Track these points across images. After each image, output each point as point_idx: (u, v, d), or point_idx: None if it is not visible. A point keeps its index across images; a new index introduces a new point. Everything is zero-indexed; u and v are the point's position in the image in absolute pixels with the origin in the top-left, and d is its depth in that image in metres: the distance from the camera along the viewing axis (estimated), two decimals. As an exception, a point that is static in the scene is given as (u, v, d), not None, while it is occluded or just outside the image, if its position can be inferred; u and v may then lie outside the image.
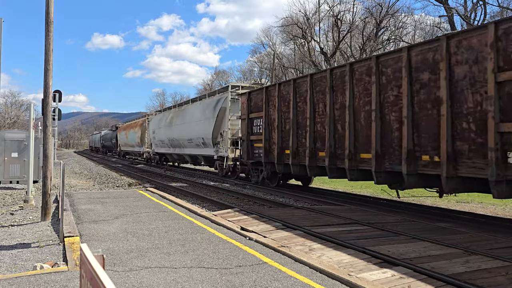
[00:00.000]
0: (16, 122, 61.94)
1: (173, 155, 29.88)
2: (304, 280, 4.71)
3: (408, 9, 64.02)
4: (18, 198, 12.77)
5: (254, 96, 16.47)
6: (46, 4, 8.65)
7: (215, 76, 74.65)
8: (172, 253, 5.82)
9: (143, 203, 10.75)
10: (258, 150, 15.94)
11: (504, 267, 5.30)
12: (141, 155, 40.31)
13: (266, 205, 12.15)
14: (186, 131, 25.23)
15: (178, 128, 26.86)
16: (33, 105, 12.06)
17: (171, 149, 29.38)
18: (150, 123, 35.67)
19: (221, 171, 21.30)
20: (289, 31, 42.45)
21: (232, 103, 20.20)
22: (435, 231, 7.65)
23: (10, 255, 5.95)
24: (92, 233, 7.11)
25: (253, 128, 16.47)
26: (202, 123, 22.51)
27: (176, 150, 28.34)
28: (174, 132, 27.34)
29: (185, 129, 25.31)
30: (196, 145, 23.91)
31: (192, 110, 25.29)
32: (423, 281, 4.81)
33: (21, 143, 16.32)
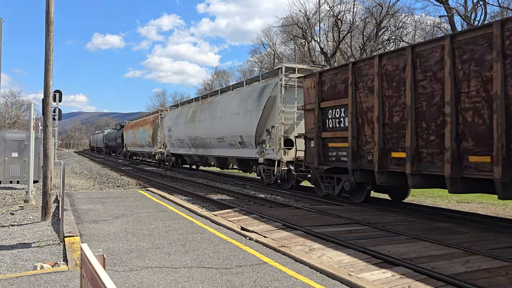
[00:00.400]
0: (16, 122, 61.96)
1: (194, 156, 25.58)
2: (304, 280, 4.71)
3: (408, 9, 64.08)
4: (18, 198, 12.77)
5: (329, 77, 11.93)
6: (47, 4, 8.66)
7: (215, 76, 74.69)
8: (172, 253, 5.82)
9: (143, 203, 10.75)
10: (336, 152, 11.62)
11: (505, 267, 5.30)
12: (152, 156, 36.17)
13: (266, 205, 12.16)
14: (215, 127, 20.68)
15: (203, 125, 22.30)
16: (33, 105, 12.08)
17: (192, 150, 25.11)
18: (165, 119, 30.70)
19: (267, 178, 16.67)
20: (289, 31, 42.44)
21: (284, 90, 15.61)
22: (436, 231, 7.65)
23: (10, 255, 5.95)
24: (92, 233, 7.11)
25: (326, 122, 12.02)
26: (241, 117, 17.94)
27: (199, 151, 24.01)
28: (198, 129, 22.99)
29: (214, 126, 20.77)
30: (230, 145, 19.52)
31: (225, 102, 20.38)
32: (423, 281, 4.81)
33: (22, 143, 16.33)
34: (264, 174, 16.95)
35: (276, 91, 15.92)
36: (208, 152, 22.78)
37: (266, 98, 16.19)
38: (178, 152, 28.00)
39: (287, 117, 15.62)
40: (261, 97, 16.53)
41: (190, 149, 25.49)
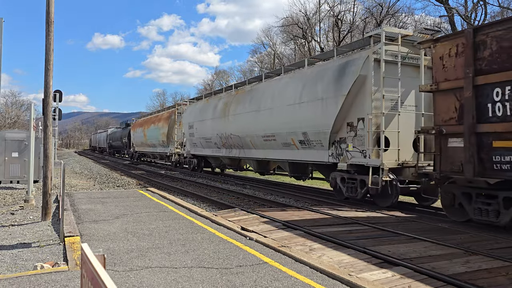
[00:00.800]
0: (16, 122, 61.95)
1: (224, 159, 20.95)
2: (304, 280, 4.71)
3: (409, 9, 64.04)
4: (18, 198, 12.77)
5: (499, 35, 7.69)
6: (47, 4, 8.66)
7: (215, 76, 74.64)
8: (172, 253, 5.82)
9: (143, 203, 10.75)
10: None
11: (505, 267, 5.30)
12: (166, 158, 31.85)
13: (267, 205, 12.16)
14: (260, 123, 16.07)
15: (240, 120, 17.73)
16: (33, 105, 12.08)
17: (222, 151, 20.50)
18: (184, 115, 25.98)
19: (350, 192, 11.85)
20: (290, 31, 42.44)
21: (383, 66, 10.83)
22: (436, 231, 7.65)
23: (10, 254, 5.95)
24: (92, 233, 7.11)
25: (489, 108, 7.78)
26: (305, 107, 13.23)
27: (232, 152, 19.35)
28: (232, 125, 18.49)
29: (259, 120, 16.14)
30: (284, 144, 14.87)
31: (275, 89, 15.53)
32: (424, 281, 4.81)
33: (22, 143, 16.33)
34: (344, 185, 11.99)
35: (367, 68, 11.17)
36: (246, 154, 18.08)
37: (351, 79, 11.43)
38: (201, 153, 23.29)
39: (382, 106, 10.81)
40: (343, 79, 11.80)
41: (219, 149, 20.84)
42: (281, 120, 14.69)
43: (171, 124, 29.69)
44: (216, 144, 21.03)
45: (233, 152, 19.41)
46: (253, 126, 16.77)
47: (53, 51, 8.67)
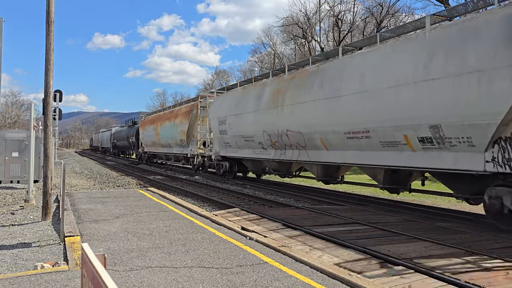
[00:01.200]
0: (16, 121, 61.97)
1: (272, 162, 16.26)
2: (304, 280, 4.72)
3: (409, 8, 63.90)
4: (18, 198, 12.78)
5: None
6: (47, 4, 8.66)
7: (215, 76, 74.68)
8: (172, 253, 5.83)
9: (143, 202, 10.76)
10: None
11: (505, 267, 5.30)
12: (185, 160, 27.27)
13: (267, 205, 12.16)
14: (340, 113, 11.45)
15: (304, 111, 13.01)
16: (33, 105, 12.09)
17: (270, 152, 15.79)
18: (212, 109, 20.89)
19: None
20: (290, 31, 42.45)
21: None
22: (436, 231, 7.66)
23: (11, 254, 5.96)
24: (92, 232, 7.11)
25: None
26: (435, 87, 8.72)
27: (286, 154, 14.77)
28: (290, 118, 13.86)
29: (338, 110, 11.49)
30: (385, 144, 10.33)
31: (369, 64, 10.78)
32: (424, 281, 4.81)
33: (22, 142, 16.34)
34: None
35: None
36: (310, 157, 13.45)
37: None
38: (236, 155, 18.72)
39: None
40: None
41: (264, 151, 16.20)
42: (383, 109, 10.00)
43: (192, 120, 24.99)
44: (261, 144, 16.14)
45: (287, 155, 14.54)
46: (327, 119, 11.99)
47: (53, 51, 8.67)
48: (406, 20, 36.62)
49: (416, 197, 14.01)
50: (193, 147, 24.86)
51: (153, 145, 34.05)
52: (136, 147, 41.20)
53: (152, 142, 33.97)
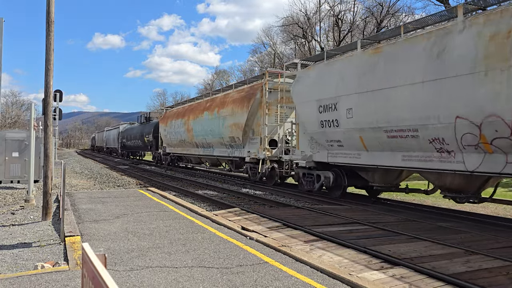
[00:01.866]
0: (17, 121, 62.01)
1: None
2: (305, 280, 4.72)
3: (409, 8, 63.87)
4: (19, 198, 12.78)
5: None
6: (47, 4, 8.66)
7: (215, 76, 74.71)
8: (173, 253, 5.83)
9: (144, 202, 10.75)
10: None
11: (505, 266, 5.30)
12: (232, 166, 20.84)
13: (267, 205, 12.16)
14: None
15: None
16: (33, 105, 12.09)
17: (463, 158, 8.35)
18: (298, 89, 13.71)
19: None
20: (290, 31, 42.44)
21: None
22: (436, 230, 7.65)
23: (11, 254, 5.96)
24: (93, 232, 7.11)
25: None
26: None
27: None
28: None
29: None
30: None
31: None
32: (424, 280, 4.81)
33: (22, 142, 16.33)
34: None
35: None
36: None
37: None
38: (359, 162, 11.38)
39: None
40: None
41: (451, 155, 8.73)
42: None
43: (254, 108, 17.57)
44: (441, 142, 8.76)
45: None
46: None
47: (53, 51, 8.67)
48: (406, 20, 36.61)
49: (417, 197, 14.01)
50: (254, 148, 17.63)
51: (180, 144, 26.82)
52: (154, 147, 34.03)
53: (179, 141, 26.71)
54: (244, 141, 18.54)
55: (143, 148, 39.72)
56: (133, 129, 43.99)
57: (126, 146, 46.19)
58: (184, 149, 26.58)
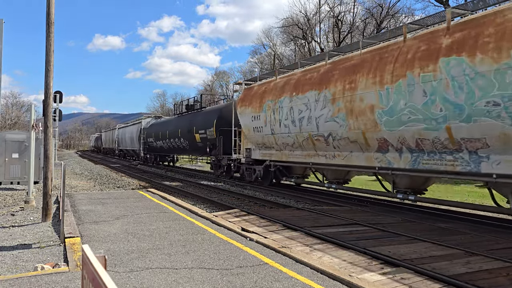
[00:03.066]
0: (17, 123, 62.06)
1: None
2: (305, 281, 4.71)
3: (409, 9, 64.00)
4: (18, 199, 12.77)
5: None
6: (47, 5, 8.67)
7: (215, 76, 74.78)
8: (173, 254, 5.82)
9: (143, 204, 10.75)
10: None
11: (505, 268, 5.30)
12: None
13: (267, 206, 12.15)
14: None
15: None
16: (33, 106, 12.11)
17: None
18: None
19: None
20: (290, 32, 42.49)
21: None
22: (436, 231, 7.65)
23: (11, 256, 5.95)
24: (93, 234, 7.11)
25: None
26: None
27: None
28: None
29: None
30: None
31: None
32: (424, 282, 4.81)
33: (22, 144, 16.34)
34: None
35: None
36: None
37: None
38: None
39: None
40: None
41: None
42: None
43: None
44: None
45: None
46: None
47: (53, 52, 8.67)
48: (406, 21, 36.61)
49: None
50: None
51: (297, 145, 13.88)
52: (219, 150, 20.65)
53: (296, 138, 13.67)
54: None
55: (190, 150, 26.23)
56: (169, 124, 30.14)
57: (153, 148, 33.48)
58: (296, 151, 14.27)
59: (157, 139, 31.81)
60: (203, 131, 22.57)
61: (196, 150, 25.42)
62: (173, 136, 27.83)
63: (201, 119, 23.55)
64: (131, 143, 40.23)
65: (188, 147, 25.85)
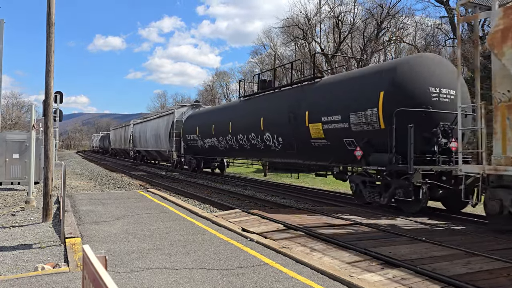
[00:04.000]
0: (17, 123, 62.11)
1: None
2: (305, 282, 4.71)
3: (409, 10, 64.06)
4: (19, 199, 12.78)
5: None
6: (48, 6, 8.68)
7: (215, 77, 74.80)
8: (173, 254, 5.82)
9: (144, 204, 10.75)
10: None
11: (506, 268, 5.29)
12: None
13: (267, 206, 12.15)
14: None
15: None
16: (34, 106, 12.11)
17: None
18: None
19: None
20: (290, 32, 42.48)
21: None
22: (437, 232, 7.64)
23: (11, 256, 5.95)
24: (93, 234, 7.11)
25: None
26: None
27: None
28: None
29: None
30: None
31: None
32: (425, 282, 4.80)
33: (22, 144, 16.34)
34: None
35: None
36: None
37: None
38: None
39: None
40: None
41: None
42: None
43: None
44: None
45: None
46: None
47: (54, 53, 8.68)
48: (406, 21, 36.57)
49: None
50: None
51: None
52: (397, 157, 9.86)
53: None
54: None
55: (289, 152, 15.08)
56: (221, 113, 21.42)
57: (196, 149, 24.39)
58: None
59: (205, 136, 22.27)
60: (337, 117, 11.96)
61: (305, 153, 14.31)
62: (243, 130, 17.83)
63: (331, 97, 12.55)
64: (156, 142, 30.69)
65: (283, 147, 15.24)
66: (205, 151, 23.59)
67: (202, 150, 23.97)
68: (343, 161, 12.46)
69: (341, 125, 11.78)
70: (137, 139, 37.55)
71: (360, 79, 11.71)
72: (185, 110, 28.02)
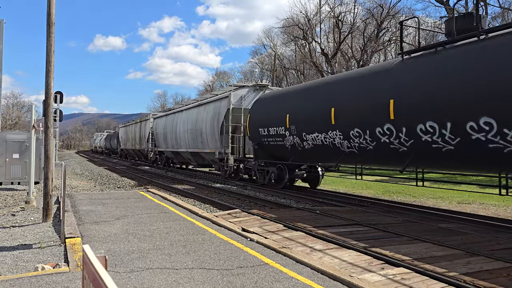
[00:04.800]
0: (17, 123, 62.15)
1: None
2: (305, 281, 4.71)
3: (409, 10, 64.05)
4: (19, 199, 12.78)
5: None
6: (48, 6, 8.67)
7: (216, 77, 74.80)
8: (173, 254, 5.82)
9: (144, 204, 10.75)
10: None
11: (506, 268, 5.29)
12: None
13: (267, 206, 12.14)
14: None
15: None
16: (34, 106, 12.10)
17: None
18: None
19: None
20: (290, 32, 42.49)
21: None
22: (437, 232, 7.64)
23: (11, 256, 5.95)
24: (93, 234, 7.11)
25: None
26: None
27: None
28: None
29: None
30: None
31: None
32: (425, 282, 4.80)
33: (23, 144, 16.35)
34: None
35: None
36: None
37: None
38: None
39: None
40: None
41: None
42: None
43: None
44: None
45: None
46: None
47: (54, 53, 8.68)
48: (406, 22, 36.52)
49: (417, 198, 14.00)
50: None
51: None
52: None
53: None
54: None
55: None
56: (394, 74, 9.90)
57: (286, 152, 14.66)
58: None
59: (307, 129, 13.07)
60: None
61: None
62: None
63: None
64: (195, 141, 22.50)
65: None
66: (304, 154, 13.92)
67: (295, 152, 14.31)
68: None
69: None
70: (161, 137, 28.98)
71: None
72: (245, 93, 19.06)
